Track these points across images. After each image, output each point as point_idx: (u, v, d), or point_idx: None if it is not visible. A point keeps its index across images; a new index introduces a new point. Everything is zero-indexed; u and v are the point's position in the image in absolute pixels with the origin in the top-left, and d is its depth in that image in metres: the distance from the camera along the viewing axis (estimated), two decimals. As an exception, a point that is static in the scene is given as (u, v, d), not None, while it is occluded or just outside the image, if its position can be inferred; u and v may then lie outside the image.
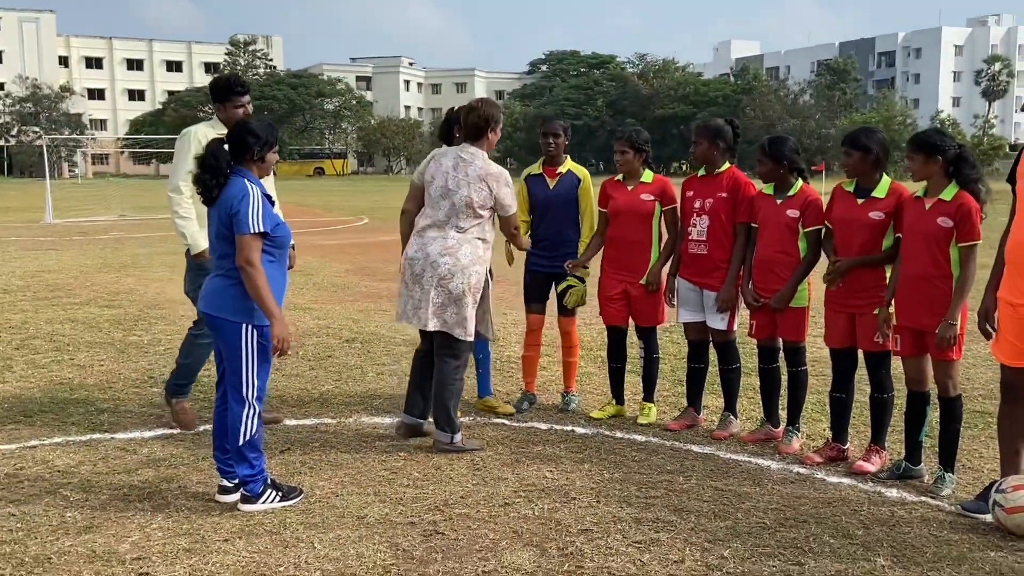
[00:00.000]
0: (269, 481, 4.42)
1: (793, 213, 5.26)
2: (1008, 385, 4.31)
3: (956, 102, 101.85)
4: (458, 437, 5.28)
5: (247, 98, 5.56)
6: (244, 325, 4.24)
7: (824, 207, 5.17)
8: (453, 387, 5.25)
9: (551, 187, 6.03)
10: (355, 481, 4.77)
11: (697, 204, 5.60)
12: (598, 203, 5.97)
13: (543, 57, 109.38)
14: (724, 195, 5.52)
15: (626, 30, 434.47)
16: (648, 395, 6.06)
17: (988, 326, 4.33)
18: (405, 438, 5.49)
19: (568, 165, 6.16)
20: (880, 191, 4.91)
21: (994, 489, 4.17)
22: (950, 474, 4.71)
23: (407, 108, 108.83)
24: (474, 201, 5.12)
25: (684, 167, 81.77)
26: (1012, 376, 4.28)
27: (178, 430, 5.65)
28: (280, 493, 4.41)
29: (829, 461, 5.15)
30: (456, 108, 6.04)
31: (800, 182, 5.34)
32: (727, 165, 5.61)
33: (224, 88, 5.54)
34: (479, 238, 5.17)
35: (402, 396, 6.58)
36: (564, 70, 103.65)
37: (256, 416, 4.32)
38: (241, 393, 4.27)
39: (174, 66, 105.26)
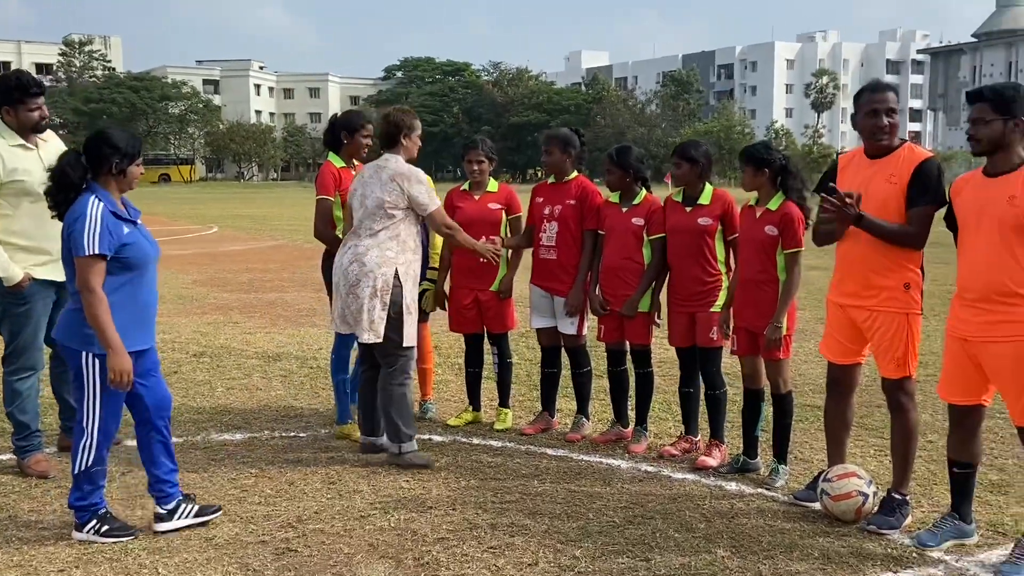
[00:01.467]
0: (102, 512, 4.16)
1: (638, 221, 5.46)
2: (833, 381, 4.60)
3: (789, 113, 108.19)
4: (408, 446, 5.15)
5: (42, 99, 4.92)
6: (85, 353, 3.97)
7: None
8: (390, 393, 5.14)
9: None
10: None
11: (547, 210, 5.71)
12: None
13: (398, 63, 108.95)
14: (572, 202, 5.66)
15: (480, 38, 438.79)
16: (503, 400, 6.13)
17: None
18: (365, 453, 5.40)
19: None
20: (705, 198, 5.23)
21: (821, 479, 4.46)
22: (783, 466, 4.99)
23: (258, 113, 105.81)
24: (385, 201, 5.04)
25: (540, 174, 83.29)
26: (837, 372, 4.57)
27: (7, 456, 5.28)
28: (106, 527, 4.12)
29: (685, 452, 5.39)
30: (339, 113, 5.92)
31: (644, 191, 5.55)
32: (575, 173, 5.76)
33: (16, 88, 4.82)
34: (391, 239, 5.07)
35: (253, 410, 6.43)
36: (420, 76, 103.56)
37: (93, 447, 4.04)
38: (82, 423, 4.04)
39: (2, 67, 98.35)
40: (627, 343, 5.65)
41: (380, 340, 5.05)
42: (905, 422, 4.34)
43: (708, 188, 5.27)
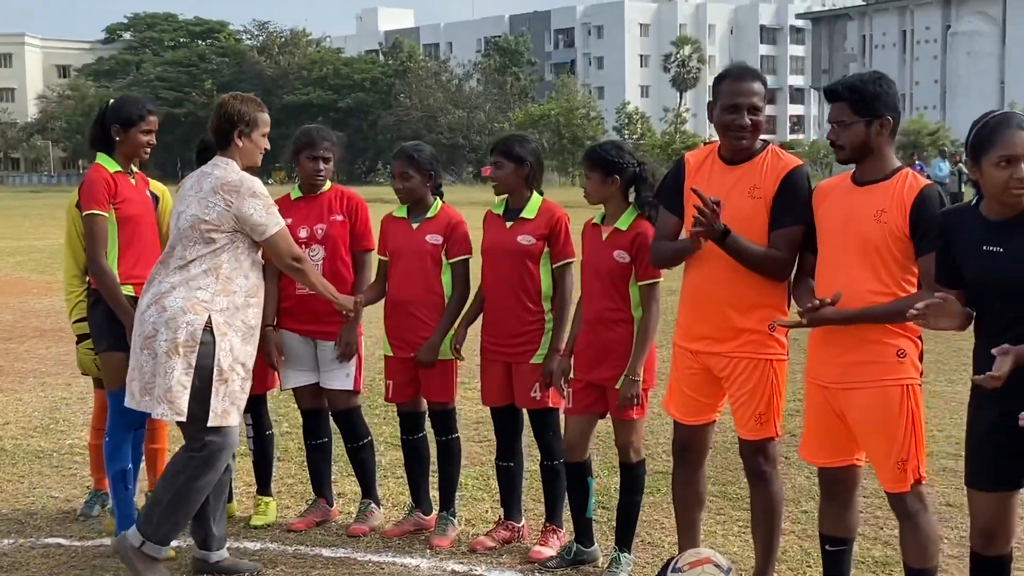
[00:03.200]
0: None
1: (435, 239, 5.56)
2: (683, 446, 4.83)
3: (645, 91, 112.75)
4: (219, 554, 5.04)
5: None
6: None
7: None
8: (176, 484, 4.89)
9: None
10: None
11: (303, 232, 5.67)
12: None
13: (125, 21, 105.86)
14: (339, 218, 5.72)
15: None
16: (263, 487, 6.06)
17: None
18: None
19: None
20: (529, 211, 5.36)
21: (670, 568, 4.65)
22: (627, 554, 5.17)
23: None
24: (201, 220, 4.84)
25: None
26: (687, 435, 4.79)
27: None
28: None
29: (504, 544, 5.49)
30: (111, 102, 5.66)
31: (439, 201, 5.66)
32: (329, 183, 5.84)
33: None
34: (207, 273, 4.87)
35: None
36: (156, 39, 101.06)
37: None
38: None
39: None
40: (424, 402, 5.72)
41: (182, 417, 4.84)
42: (768, 494, 4.61)
43: (535, 198, 5.42)
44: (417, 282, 5.54)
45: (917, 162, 29.48)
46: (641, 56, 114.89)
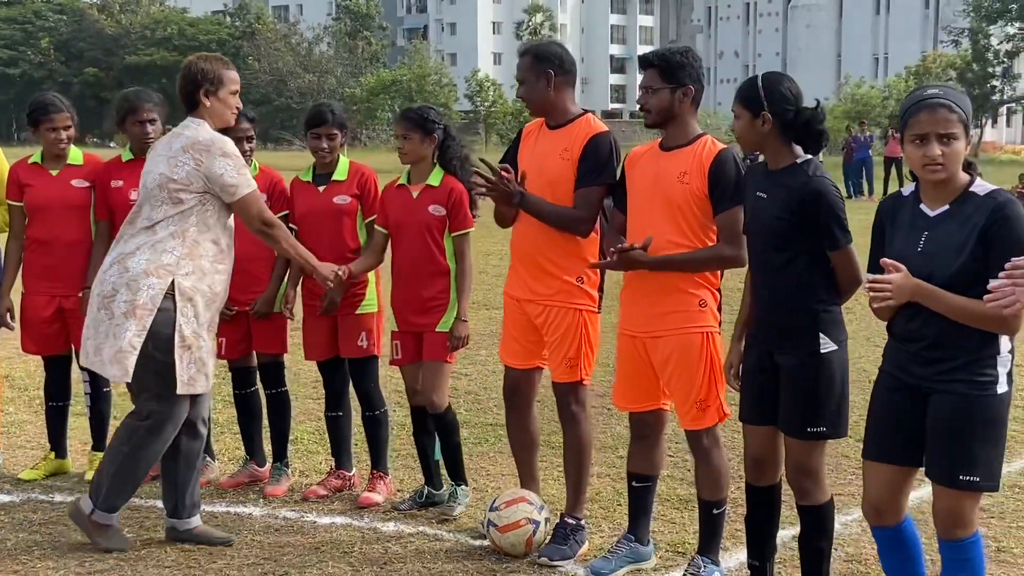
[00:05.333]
0: None
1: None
2: (511, 388, 5.19)
3: (497, 59, 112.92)
4: (189, 522, 5.06)
5: None
6: None
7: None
8: (131, 460, 4.91)
9: None
10: None
11: (135, 195, 5.59)
12: (8, 194, 5.90)
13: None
14: None
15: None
16: (98, 442, 6.13)
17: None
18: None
19: None
20: (340, 173, 5.65)
21: (489, 508, 4.99)
22: (464, 487, 5.54)
23: None
24: (169, 179, 4.80)
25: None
26: (515, 378, 5.15)
27: None
28: None
29: (335, 492, 5.74)
30: None
31: (256, 161, 5.85)
32: None
33: None
34: (174, 236, 4.83)
35: None
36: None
37: None
38: None
39: None
40: (255, 356, 5.90)
41: (128, 378, 4.84)
42: (577, 435, 4.99)
43: (344, 161, 5.70)
44: (247, 238, 5.61)
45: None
46: (494, 23, 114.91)
